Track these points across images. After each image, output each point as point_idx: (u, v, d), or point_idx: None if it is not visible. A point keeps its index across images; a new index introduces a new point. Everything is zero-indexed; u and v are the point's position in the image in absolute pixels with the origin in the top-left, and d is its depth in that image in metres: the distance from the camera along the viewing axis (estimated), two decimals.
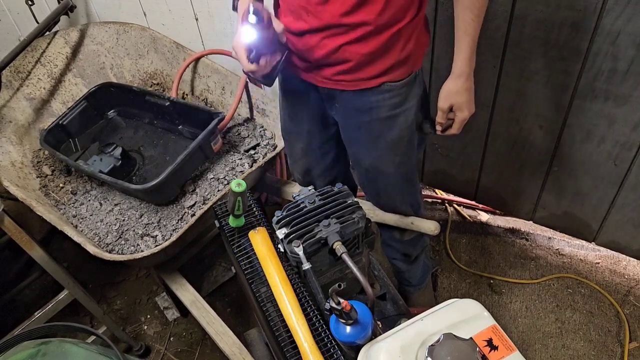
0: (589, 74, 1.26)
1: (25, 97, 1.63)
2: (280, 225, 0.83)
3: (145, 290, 1.81)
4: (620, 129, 1.31)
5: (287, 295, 0.79)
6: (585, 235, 1.62)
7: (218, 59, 1.63)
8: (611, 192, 1.45)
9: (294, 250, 0.79)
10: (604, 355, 1.44)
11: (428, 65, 1.48)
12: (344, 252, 0.78)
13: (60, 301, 1.39)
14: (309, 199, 0.85)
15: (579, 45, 1.22)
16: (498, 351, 0.69)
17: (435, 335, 0.69)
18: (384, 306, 1.06)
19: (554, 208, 1.61)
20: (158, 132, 1.61)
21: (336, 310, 0.71)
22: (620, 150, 1.34)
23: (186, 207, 1.39)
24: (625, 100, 1.25)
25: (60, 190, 1.52)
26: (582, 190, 1.50)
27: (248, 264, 0.93)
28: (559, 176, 1.51)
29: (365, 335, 0.74)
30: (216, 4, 1.60)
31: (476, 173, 1.69)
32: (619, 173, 1.39)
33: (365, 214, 0.84)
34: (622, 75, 1.21)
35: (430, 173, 1.81)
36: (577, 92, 1.30)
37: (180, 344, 1.66)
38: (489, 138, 1.56)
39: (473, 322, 0.72)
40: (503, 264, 1.69)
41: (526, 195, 1.64)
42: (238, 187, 0.86)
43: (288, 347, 0.80)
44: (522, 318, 1.54)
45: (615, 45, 1.18)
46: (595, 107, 1.31)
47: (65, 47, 1.71)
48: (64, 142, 1.58)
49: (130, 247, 1.34)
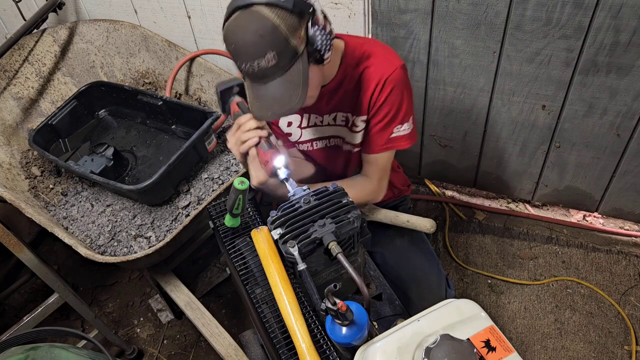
0: (590, 49, 1.28)
1: (12, 96, 1.60)
2: (275, 225, 0.82)
3: (138, 292, 1.78)
4: (622, 99, 1.34)
5: (287, 295, 0.78)
6: (588, 206, 1.68)
7: (211, 57, 1.61)
8: (613, 161, 1.50)
9: (289, 250, 0.78)
10: (604, 356, 1.43)
11: (425, 57, 1.48)
12: (340, 252, 0.76)
13: (50, 305, 1.37)
14: (304, 198, 0.84)
15: (581, 21, 1.24)
16: (496, 352, 0.68)
17: (432, 336, 0.68)
18: (380, 306, 1.05)
19: (556, 184, 1.66)
20: (151, 131, 1.59)
21: (332, 311, 0.70)
22: (623, 120, 1.39)
23: (180, 208, 1.37)
24: (628, 71, 1.29)
25: (50, 192, 1.50)
26: (584, 162, 1.55)
27: (243, 265, 0.91)
28: (561, 152, 1.55)
29: (361, 336, 0.73)
30: (209, 2, 1.58)
31: (476, 159, 1.71)
32: (620, 142, 1.44)
33: (360, 213, 0.83)
34: (624, 47, 1.24)
35: (428, 165, 1.82)
36: (579, 68, 1.33)
37: (174, 346, 1.63)
38: (489, 123, 1.58)
39: (470, 323, 0.71)
40: (501, 264, 1.68)
41: (527, 175, 1.68)
42: (241, 185, 0.85)
43: (283, 348, 0.79)
44: (520, 319, 1.54)
45: (617, 18, 1.20)
46: (597, 81, 1.33)
47: (54, 45, 1.68)
48: (54, 143, 1.56)
49: (123, 249, 1.32)
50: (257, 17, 0.81)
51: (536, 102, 1.46)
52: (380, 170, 1.08)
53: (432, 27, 1.40)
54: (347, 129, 1.08)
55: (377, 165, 1.07)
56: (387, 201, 1.28)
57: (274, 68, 0.83)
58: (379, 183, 1.09)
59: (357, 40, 1.02)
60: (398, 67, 0.97)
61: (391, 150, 1.05)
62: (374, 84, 0.98)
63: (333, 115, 1.07)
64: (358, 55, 1.00)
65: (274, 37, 0.81)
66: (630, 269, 1.61)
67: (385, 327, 0.78)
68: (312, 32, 0.85)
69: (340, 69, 1.00)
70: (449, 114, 1.61)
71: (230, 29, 0.83)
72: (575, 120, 1.45)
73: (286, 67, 0.84)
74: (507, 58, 1.39)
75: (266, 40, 0.80)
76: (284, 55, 0.82)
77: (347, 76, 1.01)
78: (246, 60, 0.83)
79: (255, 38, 0.80)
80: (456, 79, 1.50)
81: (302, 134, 1.13)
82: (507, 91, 1.47)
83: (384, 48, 1.01)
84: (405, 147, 1.04)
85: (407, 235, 1.20)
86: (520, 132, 1.56)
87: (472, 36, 1.38)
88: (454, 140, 1.69)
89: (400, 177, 1.30)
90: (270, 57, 0.81)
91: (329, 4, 1.41)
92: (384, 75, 0.96)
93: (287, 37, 0.81)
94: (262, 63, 0.82)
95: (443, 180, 1.91)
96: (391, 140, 1.03)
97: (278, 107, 0.86)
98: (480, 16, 1.33)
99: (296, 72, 0.85)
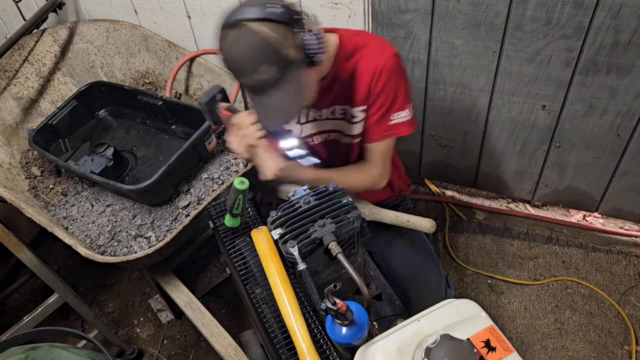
0: (590, 49, 1.28)
1: (12, 96, 1.60)
2: (275, 225, 0.82)
3: (138, 292, 1.78)
4: (622, 99, 1.34)
5: (287, 295, 0.78)
6: (588, 206, 1.68)
7: (211, 57, 1.61)
8: (613, 161, 1.50)
9: (289, 250, 0.78)
10: (604, 356, 1.43)
11: (425, 57, 1.48)
12: (340, 252, 0.77)
13: (50, 305, 1.37)
14: (304, 198, 0.84)
15: (581, 21, 1.24)
16: (496, 352, 0.68)
17: (432, 336, 0.68)
18: (380, 306, 1.05)
19: (556, 184, 1.66)
20: (151, 131, 1.59)
21: (332, 311, 0.70)
22: (623, 120, 1.39)
23: (180, 208, 1.37)
24: (628, 71, 1.29)
25: (50, 192, 1.50)
26: (584, 162, 1.55)
27: (243, 265, 0.91)
28: (561, 152, 1.55)
29: (361, 336, 0.73)
30: (209, 2, 1.58)
31: (476, 159, 1.71)
32: (620, 142, 1.45)
33: (360, 213, 0.83)
34: (624, 47, 1.24)
35: (428, 165, 1.82)
36: (579, 68, 1.33)
37: (174, 346, 1.63)
38: (489, 123, 1.58)
39: (470, 323, 0.71)
40: (501, 264, 1.68)
41: (527, 175, 1.68)
42: (241, 185, 0.86)
43: (283, 348, 0.79)
44: (520, 319, 1.54)
45: (617, 18, 1.20)
46: (597, 81, 1.34)
47: (54, 45, 1.68)
48: (54, 143, 1.56)
49: (123, 249, 1.32)
50: (246, 32, 0.83)
51: (536, 102, 1.46)
52: (382, 157, 1.09)
53: (432, 27, 1.40)
54: (346, 122, 1.09)
55: (378, 152, 1.08)
56: (388, 200, 1.28)
57: (270, 80, 0.85)
58: (382, 169, 1.10)
59: (349, 33, 1.03)
60: (392, 55, 0.98)
61: (391, 138, 1.06)
62: (369, 75, 0.99)
63: (331, 108, 1.08)
64: (351, 47, 1.01)
65: (266, 50, 0.83)
66: (630, 269, 1.61)
67: (385, 327, 0.78)
68: (303, 39, 0.86)
69: (335, 62, 1.01)
70: (449, 114, 1.61)
71: (225, 48, 0.86)
72: (575, 120, 1.45)
73: (282, 77, 0.85)
74: (507, 58, 1.39)
75: (259, 53, 0.83)
76: (278, 65, 0.84)
77: (342, 69, 1.01)
78: (243, 75, 0.86)
79: (248, 53, 0.83)
80: (456, 79, 1.50)
81: (303, 130, 1.13)
82: (507, 91, 1.47)
83: (377, 38, 1.02)
84: (405, 134, 1.05)
85: (407, 235, 1.20)
86: (520, 132, 1.56)
87: (472, 36, 1.38)
88: (454, 140, 1.69)
89: (402, 176, 1.30)
90: (264, 70, 0.84)
91: (329, 4, 1.41)
92: (379, 65, 0.97)
93: (279, 48, 0.83)
94: (257, 76, 0.84)
95: (443, 180, 1.91)
96: (390, 128, 1.04)
97: (279, 115, 0.89)
98: (480, 16, 1.33)
99: (293, 79, 0.86)
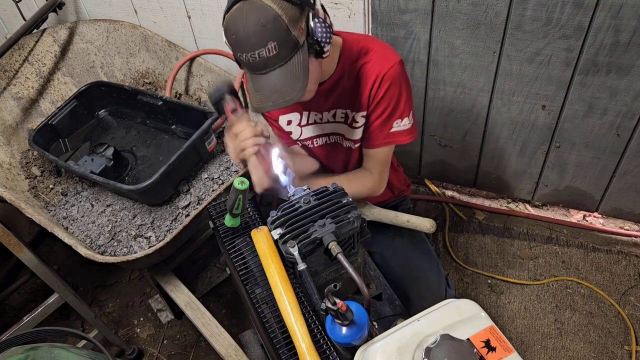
0: (590, 49, 1.28)
1: (12, 96, 1.60)
2: (275, 225, 0.82)
3: (138, 292, 1.78)
4: (622, 99, 1.35)
5: (287, 295, 0.78)
6: (588, 206, 1.68)
7: (211, 57, 1.61)
8: (613, 161, 1.50)
9: (289, 250, 0.78)
10: (604, 356, 1.43)
11: (425, 57, 1.48)
12: (340, 252, 0.76)
13: (50, 305, 1.37)
14: (304, 198, 0.84)
15: (581, 21, 1.24)
16: (496, 352, 0.68)
17: (432, 336, 0.68)
18: (380, 306, 1.05)
19: (556, 184, 1.66)
20: (151, 131, 1.59)
21: (332, 311, 0.70)
22: (623, 120, 1.39)
23: (180, 208, 1.37)
24: (628, 71, 1.29)
25: (50, 192, 1.50)
26: (584, 162, 1.55)
27: (243, 265, 0.91)
28: (561, 152, 1.55)
29: (361, 336, 0.73)
30: (209, 2, 1.58)
31: (476, 159, 1.71)
32: (620, 142, 1.45)
33: (360, 213, 0.83)
34: (624, 47, 1.24)
35: (428, 165, 1.82)
36: (579, 68, 1.33)
37: (174, 346, 1.63)
38: (489, 123, 1.58)
39: (470, 323, 0.71)
40: (501, 264, 1.68)
41: (527, 175, 1.68)
42: (241, 185, 0.85)
43: (283, 348, 0.79)
44: (520, 319, 1.53)
45: (617, 18, 1.20)
46: (597, 81, 1.34)
47: (54, 45, 1.68)
48: (54, 143, 1.56)
49: (123, 249, 1.32)
50: (258, 7, 0.81)
51: (536, 102, 1.46)
52: (380, 164, 1.09)
53: (432, 27, 1.40)
54: (347, 126, 1.09)
55: (378, 159, 1.08)
56: (387, 201, 1.28)
57: (274, 58, 0.83)
58: (380, 176, 1.10)
59: (354, 37, 1.03)
60: (396, 62, 0.97)
61: (391, 145, 1.06)
62: (372, 80, 0.98)
63: (332, 112, 1.07)
64: (356, 51, 1.00)
65: (275, 27, 0.81)
66: (630, 269, 1.61)
67: (385, 327, 0.78)
68: (313, 24, 0.85)
69: (339, 66, 1.01)
70: (449, 114, 1.61)
71: (232, 19, 0.84)
72: (575, 120, 1.45)
73: (287, 58, 0.84)
74: (507, 58, 1.39)
75: (267, 30, 0.81)
76: (284, 45, 0.82)
77: (346, 73, 1.01)
78: (247, 50, 0.83)
79: (257, 27, 0.81)
80: (456, 79, 1.50)
81: (303, 132, 1.13)
82: (507, 91, 1.47)
83: (381, 44, 1.02)
84: (405, 142, 1.05)
85: (407, 235, 1.20)
86: (520, 132, 1.56)
87: (472, 36, 1.38)
88: (454, 140, 1.69)
89: (400, 177, 1.30)
90: (271, 47, 0.82)
91: (329, 3, 1.41)
92: (382, 72, 0.97)
93: (288, 28, 0.82)
94: (263, 53, 0.82)
95: (443, 180, 1.91)
96: (391, 135, 1.04)
97: (278, 97, 0.86)
98: (480, 16, 1.33)
99: (296, 63, 0.85)
